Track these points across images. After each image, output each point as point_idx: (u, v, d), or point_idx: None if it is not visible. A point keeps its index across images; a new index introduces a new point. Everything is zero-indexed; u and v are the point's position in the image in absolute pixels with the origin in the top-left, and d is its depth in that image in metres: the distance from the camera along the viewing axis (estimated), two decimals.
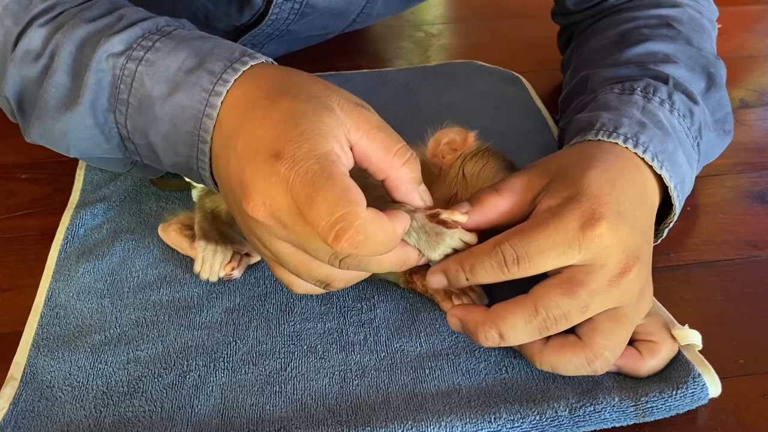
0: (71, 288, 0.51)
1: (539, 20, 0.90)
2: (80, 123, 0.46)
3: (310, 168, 0.36)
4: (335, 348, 0.47)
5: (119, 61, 0.44)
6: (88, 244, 0.55)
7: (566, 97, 0.61)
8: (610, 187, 0.43)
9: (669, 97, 0.51)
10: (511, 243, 0.40)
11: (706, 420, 0.43)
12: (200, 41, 0.45)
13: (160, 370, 0.45)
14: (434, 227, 0.42)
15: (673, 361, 0.44)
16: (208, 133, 0.42)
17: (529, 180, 0.45)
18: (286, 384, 0.44)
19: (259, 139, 0.38)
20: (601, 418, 0.42)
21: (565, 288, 0.40)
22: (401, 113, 0.71)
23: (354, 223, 0.35)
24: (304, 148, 0.36)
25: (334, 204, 0.35)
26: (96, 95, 0.45)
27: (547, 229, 0.40)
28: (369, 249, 0.36)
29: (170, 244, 0.54)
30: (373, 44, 0.88)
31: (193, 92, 0.42)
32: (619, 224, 0.41)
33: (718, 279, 0.52)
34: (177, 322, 0.49)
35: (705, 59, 0.56)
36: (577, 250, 0.40)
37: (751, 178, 0.62)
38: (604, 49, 0.60)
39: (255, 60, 0.43)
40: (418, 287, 0.49)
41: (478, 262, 0.41)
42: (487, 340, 0.41)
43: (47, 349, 0.47)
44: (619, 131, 0.47)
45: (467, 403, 0.43)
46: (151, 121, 0.44)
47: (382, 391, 0.44)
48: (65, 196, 0.61)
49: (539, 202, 0.43)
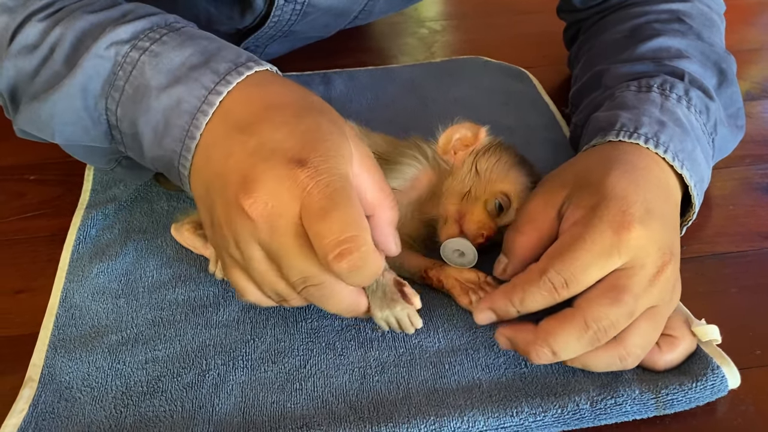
0: (85, 288, 0.51)
1: (541, 16, 0.90)
2: (68, 105, 0.45)
3: (332, 183, 0.37)
4: (353, 344, 0.47)
5: (123, 49, 0.44)
6: (100, 244, 0.55)
7: (578, 93, 0.61)
8: (635, 186, 0.43)
9: (686, 93, 0.51)
10: (556, 269, 0.41)
11: (726, 411, 0.43)
12: (208, 41, 0.45)
13: (179, 369, 0.45)
14: (394, 292, 0.44)
15: (692, 354, 0.44)
16: (199, 130, 0.42)
17: (547, 199, 0.45)
18: (306, 381, 0.44)
19: (279, 143, 0.38)
20: (622, 411, 0.42)
21: (610, 297, 0.40)
22: (409, 109, 0.70)
23: (361, 247, 0.36)
24: (330, 163, 0.37)
25: (348, 224, 0.36)
26: (90, 78, 0.44)
27: (585, 243, 0.41)
28: (360, 276, 0.37)
29: (183, 243, 0.54)
30: (377, 41, 0.88)
31: (192, 88, 0.42)
32: (651, 222, 0.41)
33: (732, 271, 0.52)
34: (194, 321, 0.48)
35: (717, 54, 0.56)
36: (617, 256, 0.40)
37: (760, 170, 0.62)
38: (616, 43, 0.60)
39: (261, 67, 0.43)
40: (433, 282, 0.49)
41: (528, 294, 0.41)
42: (539, 358, 0.41)
43: (64, 350, 0.46)
44: (640, 131, 0.47)
45: (488, 397, 0.43)
46: (143, 110, 0.43)
47: (403, 387, 0.44)
48: (74, 196, 0.60)
49: (565, 214, 0.44)
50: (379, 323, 0.45)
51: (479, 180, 0.49)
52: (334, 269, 0.36)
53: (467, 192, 0.49)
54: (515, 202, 0.49)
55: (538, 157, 0.54)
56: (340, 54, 0.82)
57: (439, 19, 0.93)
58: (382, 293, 0.43)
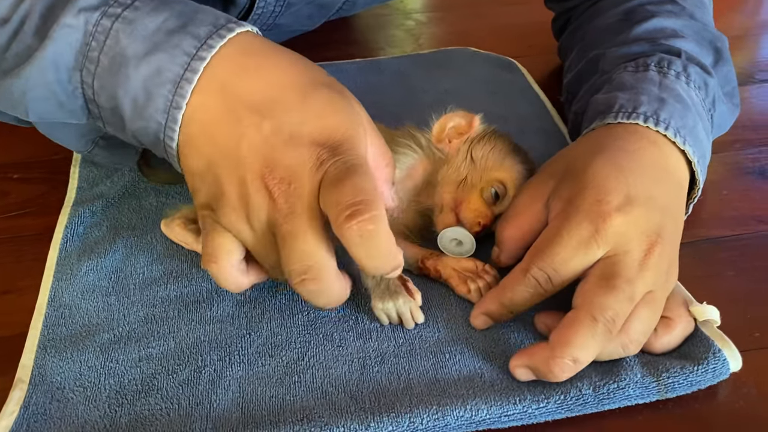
0: (75, 287, 0.50)
1: (526, 6, 0.90)
2: (40, 79, 0.42)
3: (349, 161, 0.37)
4: (352, 335, 0.46)
5: (93, 16, 0.41)
6: (88, 242, 0.54)
7: (575, 80, 0.60)
8: (617, 172, 0.43)
9: (684, 69, 0.51)
10: (537, 266, 0.41)
11: (728, 394, 0.43)
12: (182, 5, 0.42)
13: (174, 366, 0.44)
14: (397, 285, 0.44)
15: (693, 337, 0.44)
16: (185, 99, 0.40)
17: (534, 191, 0.46)
18: (305, 373, 0.43)
19: (296, 125, 0.38)
20: (625, 395, 0.42)
21: (603, 286, 0.40)
22: (399, 101, 0.70)
23: (372, 211, 0.35)
24: (347, 145, 0.38)
25: (361, 189, 0.36)
26: (61, 49, 0.41)
27: (562, 238, 0.41)
28: (371, 246, 0.36)
29: (174, 239, 0.53)
30: (364, 33, 0.88)
31: (173, 55, 0.40)
32: (632, 208, 0.41)
33: (728, 254, 0.52)
34: (187, 317, 0.47)
35: (711, 34, 0.56)
36: (596, 246, 0.40)
37: (751, 154, 0.63)
38: (611, 28, 0.60)
39: (242, 27, 0.42)
40: (430, 272, 0.49)
41: (516, 293, 0.42)
42: (563, 371, 0.40)
43: (54, 350, 0.45)
44: (639, 111, 0.47)
45: (490, 386, 0.42)
46: (122, 80, 0.41)
47: (404, 378, 0.43)
48: (60, 194, 0.59)
49: (551, 206, 0.44)
50: (379, 315, 0.44)
51: (475, 168, 0.49)
52: (345, 233, 0.36)
53: (463, 180, 0.48)
54: (511, 189, 0.49)
55: (531, 146, 0.54)
56: (327, 47, 0.81)
57: (424, 10, 0.93)
58: (386, 286, 0.43)
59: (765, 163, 0.61)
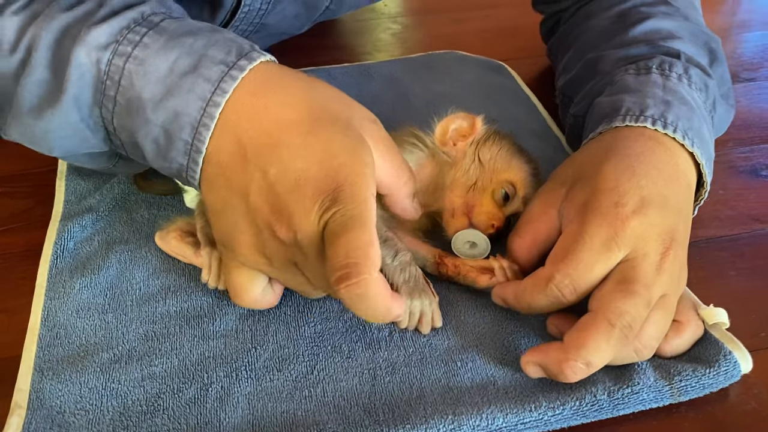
0: (68, 305, 0.48)
1: (510, 9, 0.90)
2: (64, 120, 0.43)
3: (348, 211, 0.37)
4: (360, 346, 0.45)
5: (104, 56, 0.41)
6: (80, 257, 0.52)
7: (572, 83, 0.60)
8: (629, 174, 0.43)
9: (685, 71, 0.51)
10: (561, 273, 0.41)
11: (738, 395, 0.43)
12: (191, 38, 0.42)
13: (179, 384, 0.43)
14: (424, 284, 0.44)
15: (703, 340, 0.44)
16: (204, 144, 0.41)
17: (545, 199, 0.45)
18: (315, 387, 0.43)
19: (301, 172, 0.38)
20: (639, 400, 0.41)
21: (623, 290, 0.40)
22: (391, 106, 0.69)
23: (361, 275, 0.36)
24: (347, 193, 0.38)
25: (353, 249, 0.36)
26: (80, 90, 0.42)
27: (584, 242, 0.41)
28: (362, 306, 0.37)
29: (170, 252, 0.52)
30: (351, 38, 0.87)
31: (188, 99, 0.40)
32: (647, 210, 0.41)
33: (728, 254, 0.53)
34: (189, 333, 0.46)
35: (705, 35, 0.57)
36: (617, 248, 0.40)
37: (742, 153, 0.63)
38: (606, 30, 0.60)
39: (253, 62, 0.41)
40: (448, 269, 0.48)
41: (535, 301, 0.42)
42: (575, 374, 0.40)
43: (52, 372, 0.43)
44: (646, 114, 0.47)
45: (504, 394, 0.42)
46: (141, 123, 0.42)
47: (416, 387, 0.42)
48: (46, 209, 0.57)
49: (564, 212, 0.44)
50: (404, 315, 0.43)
51: (484, 170, 0.49)
52: (337, 293, 0.37)
53: (473, 184, 0.48)
54: (521, 190, 0.49)
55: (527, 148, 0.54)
56: (314, 52, 0.80)
57: (409, 14, 0.92)
58: (414, 283, 0.42)
59: (756, 161, 0.62)
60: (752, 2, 0.98)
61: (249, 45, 0.43)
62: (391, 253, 0.43)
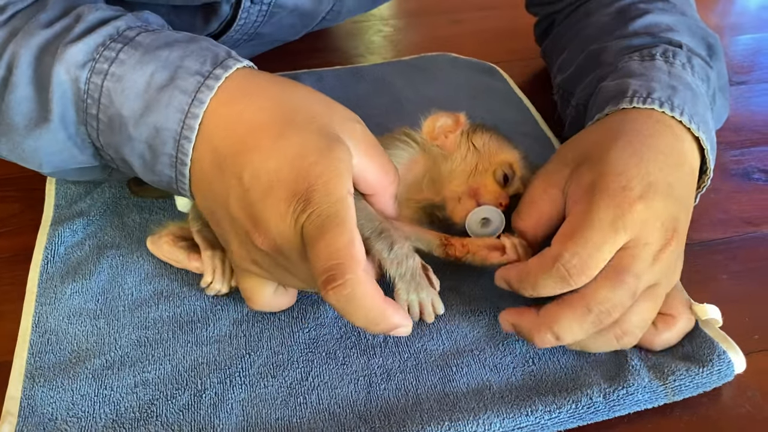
0: (60, 311, 0.47)
1: (504, 11, 0.90)
2: (53, 138, 0.43)
3: (324, 211, 0.37)
4: (355, 352, 0.45)
5: (82, 75, 0.41)
6: (71, 262, 0.51)
7: (573, 76, 0.60)
8: (637, 159, 0.42)
9: (688, 60, 0.51)
10: (569, 252, 0.40)
11: (732, 398, 0.43)
12: (167, 50, 0.42)
13: (173, 391, 0.42)
14: (422, 276, 0.43)
15: (697, 339, 0.45)
16: (188, 156, 0.41)
17: (547, 179, 0.45)
18: (310, 394, 0.42)
19: (273, 174, 0.38)
20: (634, 401, 0.42)
21: (612, 279, 0.39)
22: (383, 109, 0.69)
23: (345, 276, 0.35)
24: (321, 192, 0.37)
25: (335, 251, 0.36)
26: (64, 108, 0.42)
27: (593, 222, 0.40)
28: (351, 306, 0.36)
29: (162, 257, 0.51)
30: (343, 41, 0.87)
31: (167, 113, 0.40)
32: (654, 196, 0.41)
33: (721, 257, 0.53)
34: (183, 338, 0.46)
35: (703, 30, 0.57)
36: (623, 231, 0.40)
37: (734, 156, 0.64)
38: (605, 25, 0.60)
39: (228, 70, 0.41)
40: (457, 250, 0.47)
41: (540, 282, 0.41)
42: (543, 342, 0.41)
43: (43, 379, 0.43)
44: (653, 96, 0.47)
45: (500, 398, 0.42)
46: (125, 140, 0.42)
47: (411, 393, 0.42)
48: (35, 213, 0.56)
49: (568, 193, 0.43)
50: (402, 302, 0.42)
51: (481, 154, 0.49)
52: (325, 297, 0.36)
53: (473, 168, 0.49)
54: (518, 170, 0.50)
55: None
56: (306, 54, 0.79)
57: (401, 16, 0.92)
58: (411, 276, 0.42)
59: (748, 164, 0.63)
60: (743, 5, 0.98)
61: (225, 52, 0.43)
62: (386, 246, 0.42)
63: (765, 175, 0.61)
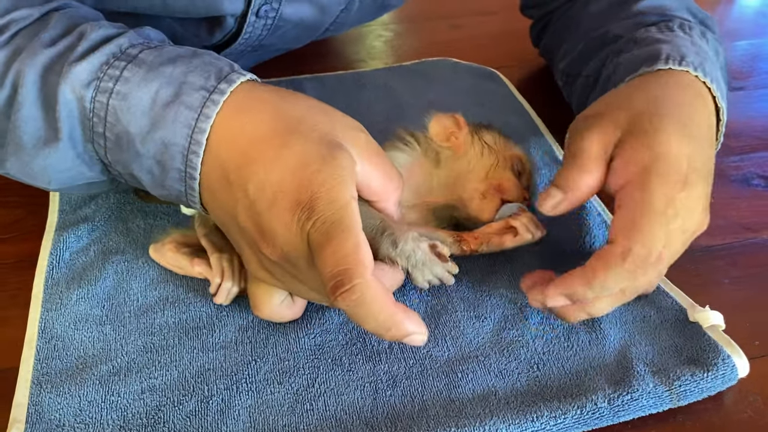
0: (66, 317, 0.48)
1: (504, 15, 0.91)
2: (62, 157, 0.44)
3: (328, 218, 0.37)
4: (361, 359, 0.45)
5: (87, 94, 0.42)
6: (76, 268, 0.51)
7: (579, 58, 0.61)
8: (686, 140, 0.43)
9: (702, 34, 0.53)
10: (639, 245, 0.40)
11: (734, 403, 0.44)
12: (170, 66, 0.42)
13: (180, 397, 0.43)
14: (432, 257, 0.43)
15: (701, 343, 0.45)
16: (196, 170, 0.41)
17: (602, 139, 0.44)
18: (317, 400, 0.43)
19: (276, 185, 0.38)
20: (639, 406, 0.42)
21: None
22: (385, 115, 0.69)
23: (353, 281, 0.36)
24: (324, 199, 0.37)
25: (342, 257, 0.36)
26: (71, 127, 0.43)
27: (653, 212, 0.41)
28: (361, 311, 0.36)
29: (165, 264, 0.51)
30: (344, 46, 0.87)
31: (174, 129, 0.41)
32: (698, 181, 0.42)
33: (722, 263, 0.53)
34: (189, 344, 0.46)
35: (702, 13, 0.59)
36: (673, 218, 0.41)
37: (733, 162, 0.64)
38: (608, 10, 0.61)
39: (233, 84, 0.42)
40: (470, 242, 0.48)
41: (611, 280, 0.41)
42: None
43: (50, 385, 0.43)
44: (687, 60, 0.48)
45: (506, 404, 0.42)
46: (133, 156, 0.42)
47: (417, 400, 0.43)
48: (39, 219, 0.57)
49: (615, 163, 0.43)
50: (422, 285, 0.43)
51: (494, 151, 0.51)
52: (334, 303, 0.36)
53: (494, 164, 0.50)
54: (527, 164, 0.52)
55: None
56: (308, 60, 0.80)
57: (402, 21, 0.93)
58: (423, 264, 0.42)
59: (747, 170, 0.63)
60: (741, 11, 0.99)
61: (228, 66, 0.43)
62: (390, 243, 0.42)
63: (764, 180, 0.62)
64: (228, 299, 0.48)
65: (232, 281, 0.47)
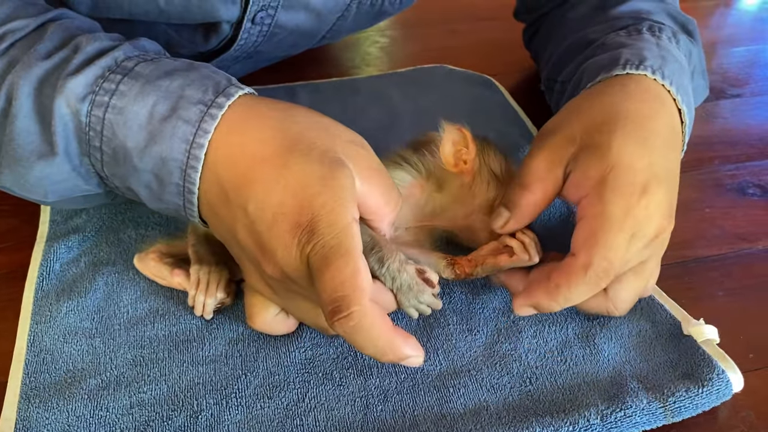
0: (55, 330, 0.47)
1: (501, 22, 0.90)
2: (58, 170, 0.44)
3: (328, 243, 0.37)
4: (352, 373, 0.45)
5: (83, 108, 0.41)
6: (66, 280, 0.51)
7: (558, 63, 0.61)
8: (642, 149, 0.43)
9: (674, 35, 0.53)
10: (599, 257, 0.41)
11: (727, 418, 0.43)
12: (167, 79, 0.42)
13: (169, 412, 0.42)
14: (419, 283, 0.42)
15: (695, 358, 0.45)
16: (195, 185, 0.41)
17: (553, 156, 0.45)
18: (307, 416, 0.42)
19: (277, 207, 0.38)
20: (632, 423, 0.42)
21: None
22: (378, 122, 0.69)
23: (351, 307, 0.36)
24: (325, 221, 0.37)
25: (340, 282, 0.36)
26: (67, 141, 0.43)
27: (612, 224, 0.41)
28: (359, 337, 0.37)
29: (149, 274, 0.51)
30: (339, 52, 0.87)
31: (172, 144, 0.40)
32: (658, 188, 0.42)
33: (717, 274, 0.53)
34: (178, 358, 0.46)
35: (683, 17, 0.58)
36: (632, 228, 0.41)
37: (729, 171, 0.64)
38: (586, 15, 0.61)
39: (231, 98, 0.41)
40: (464, 266, 0.47)
41: (573, 292, 0.42)
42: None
43: (39, 400, 0.43)
44: (645, 64, 0.48)
45: (497, 419, 0.42)
46: (130, 171, 0.42)
47: (408, 415, 0.42)
48: (32, 228, 0.56)
49: (572, 177, 0.44)
50: (410, 313, 0.43)
51: (500, 184, 0.49)
52: (332, 327, 0.36)
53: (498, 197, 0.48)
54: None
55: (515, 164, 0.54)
56: (303, 66, 0.79)
57: (398, 28, 0.92)
58: (408, 288, 0.42)
59: (743, 179, 0.63)
60: (738, 17, 0.99)
61: (226, 80, 0.43)
62: (377, 261, 0.41)
63: (760, 190, 0.62)
64: (207, 312, 0.47)
65: (205, 294, 0.47)
